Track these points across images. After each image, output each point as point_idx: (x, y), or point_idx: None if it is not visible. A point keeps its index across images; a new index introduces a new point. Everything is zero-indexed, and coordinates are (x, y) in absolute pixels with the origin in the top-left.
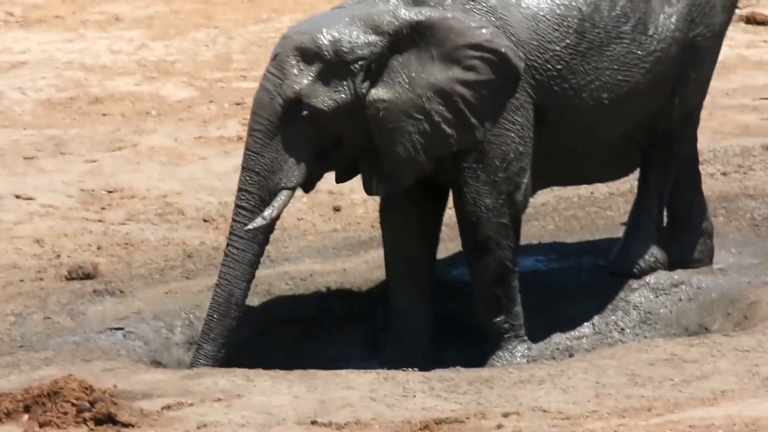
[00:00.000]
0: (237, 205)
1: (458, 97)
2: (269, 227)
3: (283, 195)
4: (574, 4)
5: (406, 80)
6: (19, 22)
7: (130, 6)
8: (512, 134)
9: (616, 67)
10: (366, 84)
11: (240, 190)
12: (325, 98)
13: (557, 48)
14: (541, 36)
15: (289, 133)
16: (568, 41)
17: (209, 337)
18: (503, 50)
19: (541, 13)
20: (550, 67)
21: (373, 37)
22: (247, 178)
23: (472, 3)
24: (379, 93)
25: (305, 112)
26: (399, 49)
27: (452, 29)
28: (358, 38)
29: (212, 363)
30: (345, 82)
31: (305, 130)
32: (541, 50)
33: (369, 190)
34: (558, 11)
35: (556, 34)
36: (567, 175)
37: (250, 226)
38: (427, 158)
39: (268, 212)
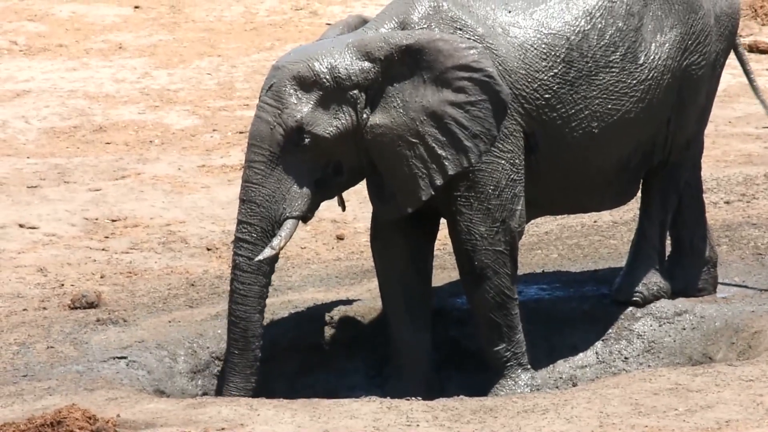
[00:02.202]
0: (238, 239)
1: (450, 119)
2: (275, 257)
3: (289, 224)
4: (562, 33)
5: (401, 105)
6: (23, 51)
7: (134, 35)
8: (503, 161)
9: (605, 96)
10: (364, 110)
11: (241, 222)
12: (327, 125)
13: (545, 77)
14: (529, 65)
15: (290, 162)
16: (556, 70)
17: (235, 370)
18: (491, 70)
19: (529, 43)
20: (538, 96)
21: (366, 64)
22: (249, 209)
23: (460, 32)
24: (375, 119)
25: (307, 140)
26: (392, 74)
27: (441, 51)
28: (353, 65)
29: (244, 394)
30: (344, 109)
31: (306, 157)
32: (529, 79)
33: (377, 213)
34: (546, 40)
35: (544, 63)
36: (562, 203)
37: (258, 258)
38: (427, 183)
39: (276, 242)
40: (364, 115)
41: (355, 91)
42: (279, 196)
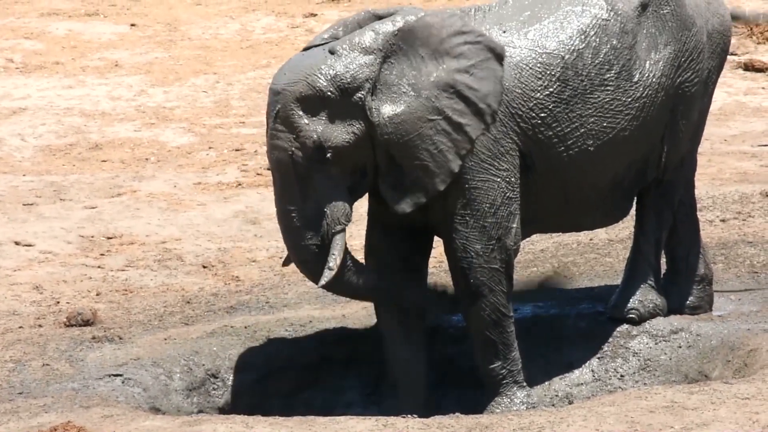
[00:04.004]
0: (301, 261)
1: (462, 85)
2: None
3: (338, 240)
4: (557, 52)
5: (409, 89)
6: (19, 69)
7: (130, 52)
8: (499, 180)
9: (600, 114)
10: (373, 106)
11: (294, 247)
12: (344, 135)
13: (540, 96)
14: (525, 84)
15: (320, 180)
16: (551, 89)
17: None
18: (478, 29)
19: (524, 62)
20: (534, 114)
21: (365, 59)
22: (298, 235)
23: None
24: (388, 111)
25: (330, 156)
26: (390, 62)
27: (432, 25)
28: (351, 64)
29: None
30: (355, 113)
31: (333, 171)
32: (524, 98)
33: (396, 207)
34: (541, 60)
35: (539, 82)
36: (557, 221)
37: (321, 283)
38: (455, 154)
39: (332, 262)
40: (374, 112)
41: (360, 92)
42: (321, 214)
